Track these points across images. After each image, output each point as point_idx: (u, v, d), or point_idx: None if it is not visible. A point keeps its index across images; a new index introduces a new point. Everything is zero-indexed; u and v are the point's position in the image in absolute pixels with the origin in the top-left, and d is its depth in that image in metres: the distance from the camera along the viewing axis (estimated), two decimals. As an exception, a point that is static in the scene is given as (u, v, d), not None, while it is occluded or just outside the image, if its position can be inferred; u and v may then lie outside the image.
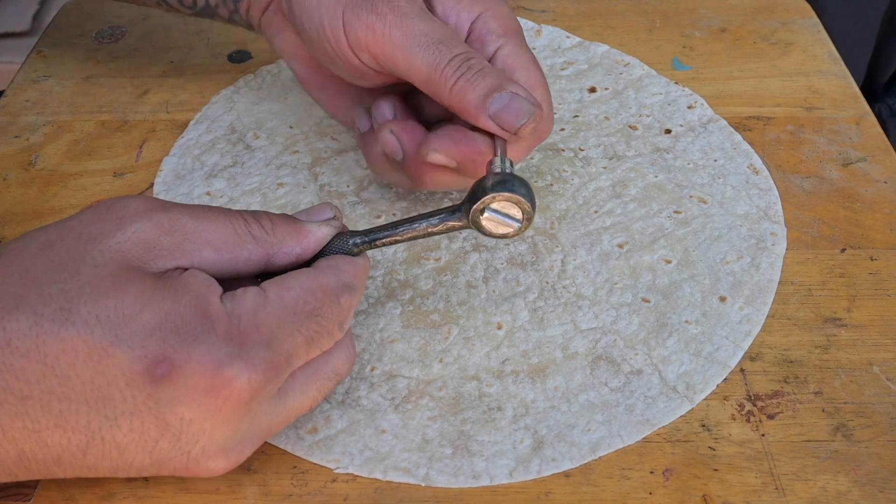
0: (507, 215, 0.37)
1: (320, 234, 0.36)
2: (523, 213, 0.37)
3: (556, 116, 0.54)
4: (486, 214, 0.37)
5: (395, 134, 0.42)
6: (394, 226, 0.38)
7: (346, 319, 0.35)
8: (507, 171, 0.38)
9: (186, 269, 0.33)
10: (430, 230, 0.38)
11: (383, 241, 0.38)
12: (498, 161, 0.38)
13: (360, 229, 0.38)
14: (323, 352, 0.35)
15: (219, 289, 0.33)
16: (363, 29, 0.40)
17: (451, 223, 0.37)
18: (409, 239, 0.38)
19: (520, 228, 0.37)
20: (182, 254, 0.33)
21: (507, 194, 0.36)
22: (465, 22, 0.43)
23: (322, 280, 0.35)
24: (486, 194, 0.36)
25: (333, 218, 0.37)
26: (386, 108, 0.44)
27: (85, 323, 0.30)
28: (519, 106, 0.39)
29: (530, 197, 0.37)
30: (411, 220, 0.38)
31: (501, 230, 0.37)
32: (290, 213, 0.37)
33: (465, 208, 0.37)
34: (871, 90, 1.13)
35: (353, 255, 0.37)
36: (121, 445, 0.31)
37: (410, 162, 0.42)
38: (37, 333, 0.30)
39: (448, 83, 0.39)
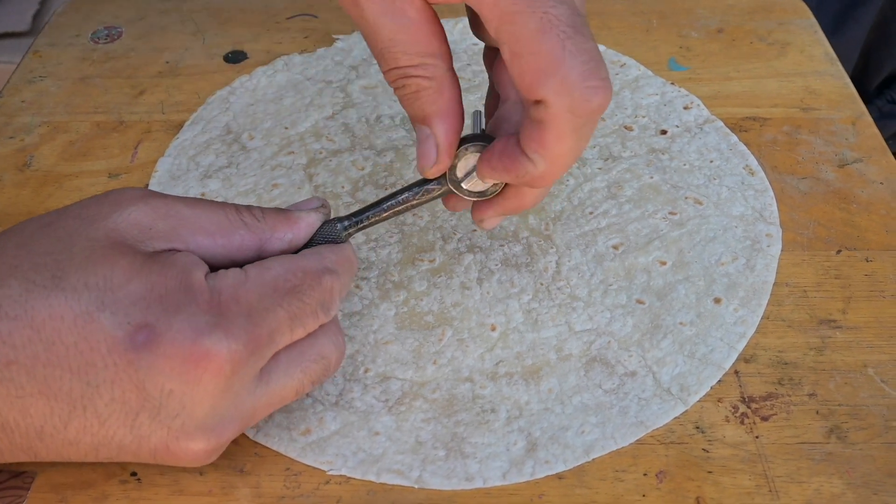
0: None
1: (310, 219, 0.37)
2: None
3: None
4: (461, 169, 0.37)
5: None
6: (377, 203, 0.39)
7: (329, 302, 0.35)
8: (481, 129, 0.39)
9: (180, 252, 0.34)
10: (412, 201, 0.38)
11: (370, 219, 0.38)
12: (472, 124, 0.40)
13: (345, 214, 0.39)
14: (308, 334, 0.35)
15: (205, 268, 0.34)
16: None
17: (430, 188, 0.38)
18: (394, 213, 0.39)
19: (496, 182, 0.38)
20: (176, 237, 0.34)
21: (480, 144, 0.37)
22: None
23: (303, 262, 0.35)
24: (460, 146, 0.37)
25: (322, 206, 0.38)
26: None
27: (73, 289, 0.31)
28: None
29: None
30: (393, 195, 0.38)
31: (479, 186, 0.38)
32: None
33: None
34: (860, 94, 1.14)
35: (342, 241, 0.38)
36: (102, 416, 0.32)
37: None
38: (26, 299, 0.31)
39: None
